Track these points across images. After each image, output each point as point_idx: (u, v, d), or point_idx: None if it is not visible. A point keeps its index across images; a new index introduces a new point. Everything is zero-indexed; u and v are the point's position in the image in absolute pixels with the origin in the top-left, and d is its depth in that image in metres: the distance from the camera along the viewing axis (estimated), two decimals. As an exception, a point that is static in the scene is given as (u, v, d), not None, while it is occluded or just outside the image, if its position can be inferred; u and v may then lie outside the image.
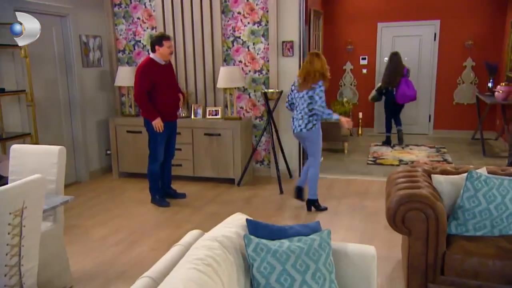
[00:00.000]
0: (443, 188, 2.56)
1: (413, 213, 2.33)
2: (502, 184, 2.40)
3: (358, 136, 7.77)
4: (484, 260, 2.22)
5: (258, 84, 5.07)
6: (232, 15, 4.98)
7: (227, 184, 4.88)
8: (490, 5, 7.02)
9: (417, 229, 2.33)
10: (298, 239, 1.86)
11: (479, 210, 2.39)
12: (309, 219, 3.83)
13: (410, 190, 2.41)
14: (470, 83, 7.41)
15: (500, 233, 2.41)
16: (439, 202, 2.35)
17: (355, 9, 7.73)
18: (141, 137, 5.06)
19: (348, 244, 2.07)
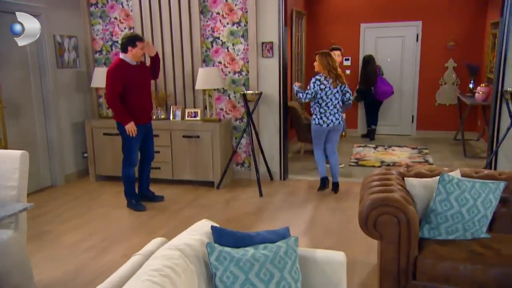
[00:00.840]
0: (416, 191, 2.55)
1: (385, 217, 2.30)
2: (474, 187, 2.40)
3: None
4: (456, 264, 2.21)
5: (238, 85, 5.03)
6: (211, 15, 4.93)
7: (207, 187, 4.82)
8: (471, 6, 7.09)
9: (388, 234, 2.31)
10: (264, 246, 1.82)
11: (451, 213, 2.39)
12: (286, 222, 3.79)
13: (382, 194, 2.39)
14: (452, 84, 7.48)
15: (473, 237, 2.41)
16: (411, 206, 2.33)
17: (338, 10, 7.74)
18: (119, 140, 4.94)
19: (317, 250, 2.04)
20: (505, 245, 2.30)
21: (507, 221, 2.56)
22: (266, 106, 4.98)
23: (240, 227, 3.69)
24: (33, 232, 3.61)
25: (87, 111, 5.39)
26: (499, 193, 2.43)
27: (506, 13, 4.14)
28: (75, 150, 5.24)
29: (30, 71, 4.69)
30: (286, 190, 4.77)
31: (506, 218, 2.56)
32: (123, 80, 3.82)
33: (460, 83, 7.39)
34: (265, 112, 5.00)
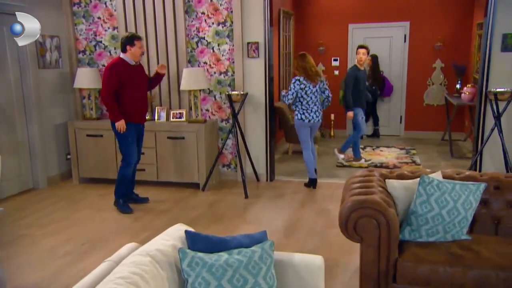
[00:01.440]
0: (397, 193, 2.53)
1: (365, 220, 2.28)
2: (454, 189, 2.39)
3: (330, 138, 7.78)
4: (435, 267, 2.19)
5: (223, 86, 4.98)
6: (196, 15, 4.88)
7: (192, 189, 4.77)
8: (457, 7, 7.14)
9: (369, 236, 2.29)
10: (238, 251, 1.78)
11: (431, 215, 2.37)
12: (270, 224, 3.76)
13: (362, 196, 2.36)
14: (440, 84, 7.52)
15: (453, 238, 2.40)
16: (391, 209, 2.31)
17: (326, 10, 7.73)
18: (102, 141, 4.90)
19: (295, 254, 2.01)
20: (485, 246, 2.29)
21: (488, 223, 2.55)
22: (252, 107, 4.95)
23: (223, 229, 3.65)
24: (11, 236, 3.53)
25: (70, 112, 5.30)
26: (479, 195, 2.42)
27: (489, 13, 4.16)
28: (58, 152, 5.15)
29: (10, 71, 4.59)
30: (272, 191, 4.74)
31: (486, 220, 2.55)
32: (119, 78, 3.81)
33: (447, 84, 7.43)
34: (251, 112, 4.97)
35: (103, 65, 5.24)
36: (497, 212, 2.54)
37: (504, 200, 2.54)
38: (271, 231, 3.63)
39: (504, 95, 4.03)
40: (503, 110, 4.10)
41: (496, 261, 2.16)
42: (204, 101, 5.07)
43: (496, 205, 2.55)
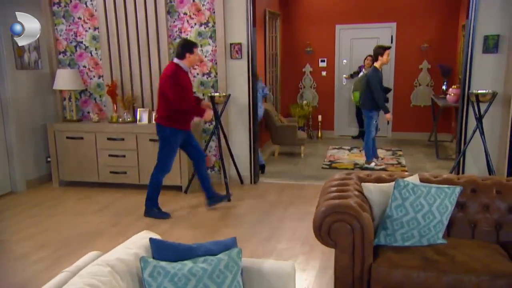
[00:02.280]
0: (373, 196, 2.50)
1: (339, 224, 2.25)
2: (430, 193, 2.37)
3: (317, 139, 7.76)
4: (409, 272, 2.16)
5: (206, 88, 4.93)
6: (178, 15, 4.83)
7: (174, 192, 4.71)
8: (443, 9, 7.16)
9: (342, 241, 2.25)
10: (204, 259, 1.73)
11: (406, 219, 2.35)
12: (251, 228, 3.72)
13: (336, 200, 2.33)
14: (426, 85, 7.54)
15: (429, 243, 2.37)
16: (365, 213, 2.28)
17: (313, 11, 7.72)
18: (83, 144, 4.83)
19: (265, 261, 1.97)
20: (460, 251, 2.27)
21: (465, 226, 2.53)
22: (236, 108, 4.91)
23: (203, 233, 3.60)
24: (-16, 242, 3.45)
25: (50, 114, 5.21)
26: (455, 198, 2.40)
27: (471, 15, 4.16)
28: (38, 155, 5.06)
29: (-13, 72, 4.50)
30: (255, 194, 4.70)
31: (463, 223, 2.53)
32: (181, 84, 3.76)
33: (434, 85, 7.45)
34: (235, 114, 4.93)
35: (84, 66, 5.17)
36: (474, 215, 2.52)
37: (480, 203, 2.52)
38: (251, 234, 3.59)
39: (486, 96, 4.03)
40: (484, 111, 4.10)
41: (470, 266, 2.13)
42: (187, 103, 5.00)
43: (473, 209, 2.53)
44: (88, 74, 5.18)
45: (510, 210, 2.48)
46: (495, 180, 2.58)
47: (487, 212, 2.51)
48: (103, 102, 5.20)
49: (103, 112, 5.21)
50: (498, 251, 2.29)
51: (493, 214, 2.49)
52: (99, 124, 4.86)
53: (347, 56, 7.73)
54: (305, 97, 8.00)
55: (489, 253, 2.24)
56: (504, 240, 2.45)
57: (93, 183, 4.88)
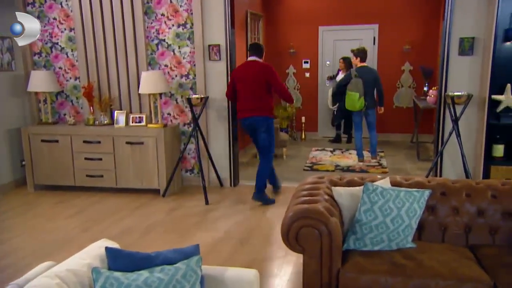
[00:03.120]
0: (343, 200, 2.48)
1: (306, 230, 2.22)
2: (399, 196, 2.35)
3: (301, 140, 7.74)
4: (377, 277, 2.14)
5: (185, 89, 4.87)
6: (156, 17, 4.76)
7: (152, 195, 4.64)
8: (425, 11, 7.20)
9: (310, 247, 2.22)
10: (161, 268, 1.68)
11: (375, 223, 2.32)
12: (227, 231, 3.67)
13: (305, 205, 2.30)
14: (408, 87, 7.57)
15: (398, 247, 2.35)
16: (333, 218, 2.25)
17: (296, 13, 7.71)
18: (58, 147, 4.73)
19: (228, 268, 1.93)
20: (428, 255, 2.25)
21: (435, 229, 2.52)
22: (215, 111, 4.85)
23: (177, 238, 3.54)
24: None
25: (26, 116, 5.09)
26: (424, 202, 2.39)
27: (447, 17, 4.18)
28: (12, 158, 4.93)
29: (-42, 74, 4.37)
30: (234, 197, 4.66)
31: (434, 226, 2.52)
32: None
33: (416, 86, 7.49)
34: (214, 116, 4.87)
35: (60, 67, 5.07)
36: (444, 218, 2.51)
37: (450, 206, 2.51)
38: (227, 239, 3.54)
39: (461, 98, 4.04)
40: (460, 113, 4.12)
41: (437, 270, 2.12)
42: (165, 105, 4.95)
43: (443, 212, 2.52)
44: (64, 76, 5.08)
45: (479, 213, 2.47)
46: (465, 183, 2.57)
47: (457, 215, 2.50)
48: (80, 104, 5.10)
49: (80, 114, 5.11)
50: (466, 255, 2.28)
51: (463, 217, 2.49)
52: (75, 127, 4.77)
53: (330, 57, 7.74)
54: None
55: (456, 257, 2.23)
56: (473, 243, 2.45)
57: (69, 187, 4.79)
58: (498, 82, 3.93)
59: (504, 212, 2.44)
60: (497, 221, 2.44)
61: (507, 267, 2.11)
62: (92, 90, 4.81)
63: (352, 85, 5.82)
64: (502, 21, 3.86)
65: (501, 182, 2.57)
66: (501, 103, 3.96)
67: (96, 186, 4.73)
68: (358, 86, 5.83)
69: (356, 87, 5.83)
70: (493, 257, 2.23)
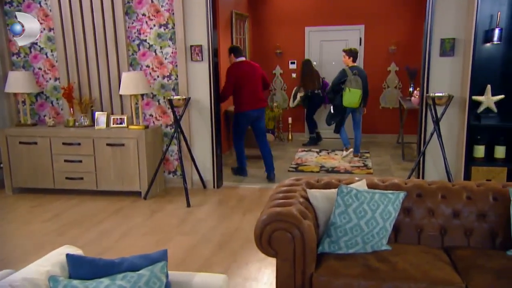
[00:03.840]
0: (318, 203, 2.45)
1: (279, 233, 2.18)
2: (373, 199, 2.33)
3: (288, 141, 7.72)
4: (350, 280, 2.11)
5: (167, 90, 4.81)
6: (137, 17, 4.69)
7: (133, 198, 4.57)
8: (410, 11, 7.22)
9: (283, 250, 2.19)
10: (123, 276, 1.63)
11: (350, 226, 2.30)
12: (206, 234, 3.62)
13: (278, 208, 2.26)
14: (395, 87, 7.59)
15: (373, 249, 2.33)
16: (307, 221, 2.22)
17: (282, 13, 7.68)
18: (36, 149, 4.64)
19: (196, 274, 1.88)
20: (403, 257, 2.23)
21: (411, 231, 2.50)
22: (198, 112, 4.80)
23: (155, 242, 3.49)
24: None
25: (4, 118, 4.99)
26: (399, 204, 2.37)
27: (428, 18, 4.18)
28: (-10, 161, 4.83)
29: None
30: (217, 199, 4.61)
31: (409, 228, 2.50)
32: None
33: (402, 87, 7.51)
34: (197, 117, 4.82)
35: (39, 68, 4.98)
36: (419, 220, 2.50)
37: (426, 208, 2.50)
38: (206, 241, 3.49)
39: (442, 99, 4.04)
40: (441, 114, 4.12)
41: (410, 273, 2.10)
42: (147, 106, 4.88)
43: (418, 213, 2.50)
44: (44, 77, 4.99)
45: (455, 214, 2.46)
46: (440, 184, 2.56)
47: (433, 217, 2.49)
48: (60, 105, 5.02)
49: (60, 116, 5.03)
50: (441, 257, 2.26)
51: (438, 219, 2.47)
52: (54, 129, 4.68)
53: (316, 58, 7.72)
54: (275, 99, 7.95)
55: (430, 259, 2.21)
56: (448, 245, 2.43)
57: (48, 189, 4.70)
58: (479, 83, 3.94)
59: (478, 213, 2.43)
60: (472, 222, 2.43)
61: (479, 269, 2.10)
62: (72, 91, 4.73)
63: (353, 83, 5.96)
64: (482, 22, 3.87)
65: (477, 184, 2.56)
66: (481, 104, 3.97)
67: (76, 189, 4.65)
68: (359, 83, 5.98)
69: (358, 84, 5.97)
70: (466, 259, 2.22)
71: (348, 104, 6.00)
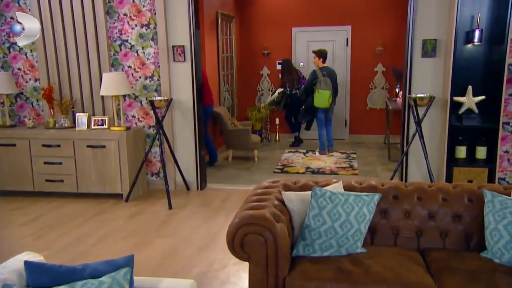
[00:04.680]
0: (293, 206, 2.42)
1: (251, 236, 2.15)
2: (348, 201, 2.30)
3: (275, 142, 7.69)
4: (323, 284, 2.09)
5: (149, 91, 4.76)
6: (118, 16, 4.63)
7: (115, 200, 4.51)
8: (396, 12, 7.22)
9: (255, 254, 2.16)
10: (84, 283, 1.59)
11: (324, 229, 2.27)
12: (187, 237, 3.58)
13: (251, 211, 2.23)
14: (382, 88, 7.60)
15: (348, 252, 2.31)
16: (280, 224, 2.19)
17: (269, 14, 7.66)
18: (15, 151, 4.56)
19: (162, 280, 1.84)
20: (377, 260, 2.21)
21: (387, 233, 2.49)
22: (181, 113, 4.76)
23: (133, 245, 3.43)
24: None
25: (-17, 119, 4.90)
26: (374, 206, 2.35)
27: (410, 19, 4.19)
28: (-32, 163, 4.73)
29: None
30: (200, 201, 4.57)
31: (386, 230, 2.49)
32: None
33: (389, 88, 7.52)
34: (180, 119, 4.77)
35: (19, 68, 4.90)
36: (396, 222, 2.48)
37: (402, 209, 2.48)
38: (186, 244, 3.45)
39: (423, 100, 4.04)
40: (423, 115, 4.12)
41: (383, 276, 2.08)
42: (130, 107, 4.82)
43: (395, 215, 2.49)
44: (24, 77, 4.91)
45: (430, 216, 2.45)
46: (417, 186, 2.55)
47: (409, 219, 2.47)
48: (40, 106, 4.94)
49: (41, 117, 4.95)
50: (415, 259, 2.25)
51: (414, 221, 2.46)
52: (34, 130, 4.60)
53: (303, 58, 7.71)
54: (263, 100, 7.92)
55: (404, 262, 2.20)
56: (424, 246, 2.42)
57: (28, 192, 4.62)
58: (460, 84, 3.95)
59: (454, 215, 2.42)
60: (447, 224, 2.42)
61: (452, 271, 2.09)
62: (52, 92, 4.66)
63: (322, 84, 6.18)
64: (463, 23, 3.88)
65: (453, 185, 2.55)
66: (463, 105, 3.97)
67: (56, 191, 4.58)
68: (328, 84, 6.20)
69: (327, 85, 6.19)
70: (440, 261, 2.21)
71: (319, 105, 6.28)
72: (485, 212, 2.27)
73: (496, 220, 2.19)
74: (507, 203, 2.19)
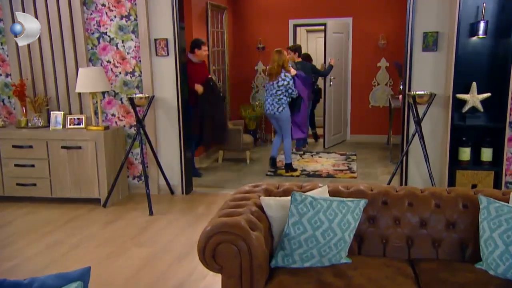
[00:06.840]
0: (273, 213, 2.39)
1: (224, 246, 2.12)
2: (330, 207, 2.27)
3: (271, 143, 7.64)
4: (301, 298, 2.05)
5: (130, 88, 4.74)
6: (96, 7, 4.62)
7: (92, 205, 4.49)
8: (400, 2, 7.18)
9: (228, 265, 2.12)
10: (29, 298, 1.56)
11: (305, 237, 2.24)
12: (165, 246, 3.55)
13: (224, 218, 2.20)
14: (385, 84, 7.56)
15: (330, 263, 2.27)
16: (255, 232, 2.16)
17: (265, 4, 7.65)
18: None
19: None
20: (360, 271, 2.18)
21: (376, 242, 2.45)
22: (164, 112, 4.74)
23: (107, 255, 3.41)
24: None
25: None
26: (359, 213, 2.32)
27: (409, 11, 4.16)
28: None
29: None
30: (184, 206, 4.54)
31: (374, 239, 2.45)
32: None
33: (393, 84, 7.49)
34: (163, 118, 4.75)
35: (-10, 63, 4.88)
36: (385, 230, 2.45)
37: (392, 216, 2.45)
38: (165, 253, 3.42)
39: (423, 98, 4.01)
40: (423, 114, 4.08)
41: (366, 290, 2.04)
42: (109, 105, 4.81)
43: (384, 222, 2.45)
44: (-5, 73, 4.90)
45: (422, 224, 2.42)
46: (408, 191, 2.51)
47: (398, 226, 2.44)
48: (12, 104, 4.92)
49: (12, 115, 4.93)
50: (403, 271, 2.21)
51: (405, 229, 2.43)
52: (4, 130, 4.59)
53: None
54: (257, 97, 7.90)
55: (391, 274, 2.16)
56: (415, 257, 2.39)
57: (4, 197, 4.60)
58: (463, 80, 3.91)
59: (447, 222, 2.39)
60: (440, 232, 2.38)
61: (441, 284, 2.06)
62: (24, 88, 4.64)
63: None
64: (467, 14, 3.84)
65: (447, 190, 2.52)
66: (466, 103, 3.94)
67: (28, 196, 4.56)
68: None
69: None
70: (430, 272, 2.17)
71: None
72: (480, 219, 2.24)
73: (491, 228, 2.15)
74: (503, 209, 2.15)
